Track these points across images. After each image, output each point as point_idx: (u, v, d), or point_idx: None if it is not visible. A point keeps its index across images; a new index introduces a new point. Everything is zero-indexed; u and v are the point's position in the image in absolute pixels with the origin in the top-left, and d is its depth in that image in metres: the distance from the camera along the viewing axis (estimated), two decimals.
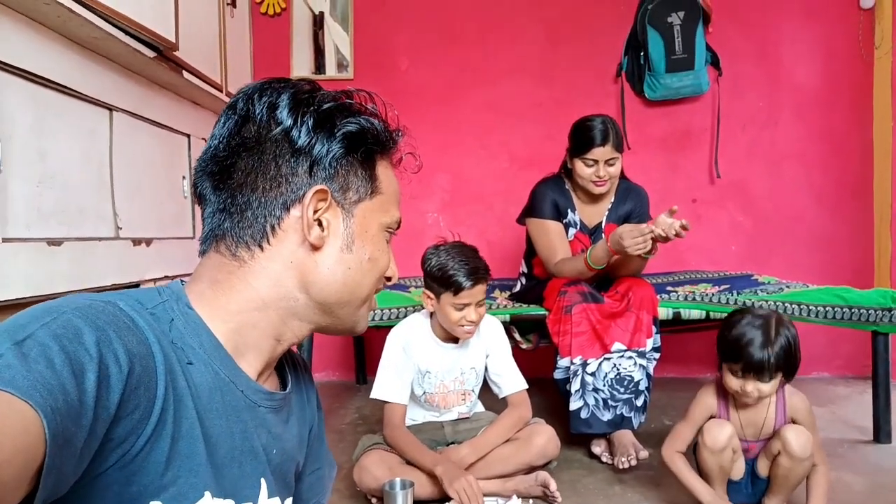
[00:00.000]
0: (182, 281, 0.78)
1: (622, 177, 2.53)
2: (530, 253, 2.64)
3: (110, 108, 2.21)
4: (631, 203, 2.48)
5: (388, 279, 0.84)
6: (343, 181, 0.77)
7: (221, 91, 2.97)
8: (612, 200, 2.50)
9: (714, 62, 3.45)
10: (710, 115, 3.51)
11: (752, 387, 1.63)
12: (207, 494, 0.67)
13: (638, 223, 2.21)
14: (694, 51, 3.34)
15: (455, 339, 1.99)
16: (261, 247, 0.75)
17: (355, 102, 0.80)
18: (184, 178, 2.87)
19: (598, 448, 2.22)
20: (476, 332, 2.01)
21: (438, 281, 1.88)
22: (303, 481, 0.94)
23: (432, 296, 1.93)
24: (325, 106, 0.76)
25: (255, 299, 0.75)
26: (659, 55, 3.37)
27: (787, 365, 1.61)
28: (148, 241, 2.42)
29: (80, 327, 0.56)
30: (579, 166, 2.38)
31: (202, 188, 0.78)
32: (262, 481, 0.77)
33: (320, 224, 0.75)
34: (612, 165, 2.36)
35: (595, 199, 2.47)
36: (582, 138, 2.36)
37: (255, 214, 0.74)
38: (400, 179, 0.87)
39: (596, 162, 2.34)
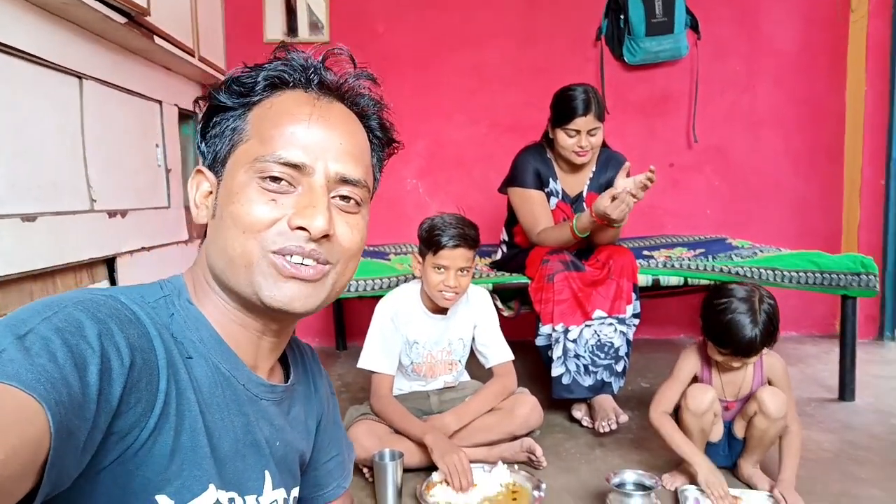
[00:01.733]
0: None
1: (603, 145, 2.54)
2: (511, 221, 2.65)
3: (80, 77, 2.13)
4: (612, 171, 2.49)
5: (302, 228, 0.69)
6: (213, 152, 0.75)
7: (193, 56, 2.89)
8: (594, 169, 2.51)
9: (693, 26, 3.43)
10: (689, 79, 3.51)
11: (739, 362, 1.71)
12: (211, 487, 0.68)
13: None
14: (674, 14, 3.32)
15: (443, 311, 2.00)
16: (205, 235, 0.78)
17: (243, 68, 0.77)
18: (157, 146, 2.81)
19: (579, 412, 2.28)
20: (465, 303, 2.03)
21: (424, 241, 1.91)
22: (322, 468, 0.95)
23: (420, 260, 1.95)
24: (212, 94, 0.76)
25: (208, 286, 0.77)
26: (639, 18, 3.34)
27: (771, 339, 1.67)
28: (123, 213, 2.37)
29: (82, 320, 0.56)
30: (561, 136, 2.38)
31: None
32: (266, 473, 0.78)
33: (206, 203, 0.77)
34: (593, 135, 2.36)
35: (577, 168, 2.47)
36: (564, 108, 2.36)
37: None
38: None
39: (578, 132, 2.34)
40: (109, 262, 2.29)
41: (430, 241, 1.90)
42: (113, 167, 2.35)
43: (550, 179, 2.49)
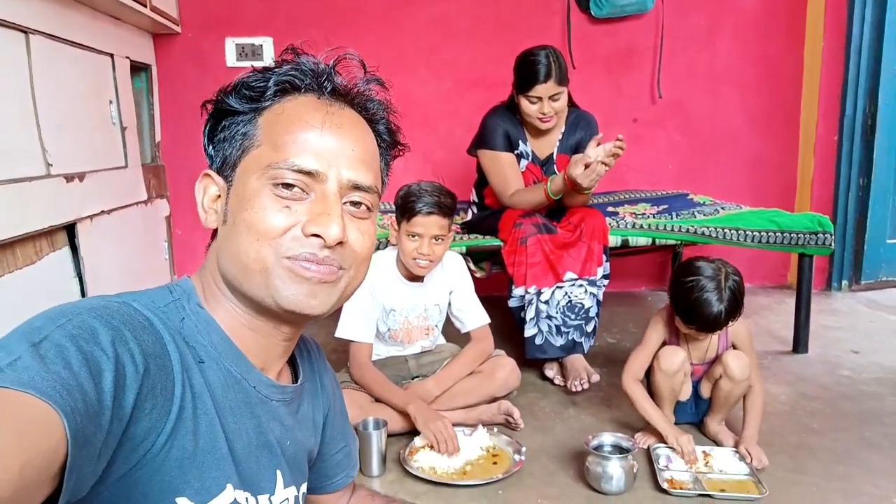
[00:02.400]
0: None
1: (571, 104, 2.53)
2: (481, 183, 2.64)
3: (26, 31, 2.00)
4: (581, 132, 2.50)
5: (317, 235, 0.69)
6: (222, 157, 0.75)
7: (145, 6, 2.72)
8: (563, 130, 2.51)
9: None
10: (654, 33, 3.51)
11: (705, 336, 1.81)
12: (229, 487, 0.69)
13: None
14: None
15: (419, 278, 2.01)
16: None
17: (250, 72, 0.76)
18: (111, 102, 2.67)
19: (551, 372, 2.35)
20: (440, 269, 2.04)
21: (399, 208, 1.91)
22: (330, 460, 0.98)
23: (396, 226, 1.94)
24: (221, 98, 0.75)
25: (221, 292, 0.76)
26: None
27: (735, 314, 1.75)
28: (81, 176, 2.27)
29: (96, 327, 0.56)
30: (524, 103, 2.36)
31: None
32: (278, 473, 0.79)
33: (216, 208, 0.76)
34: (556, 101, 2.34)
35: (545, 130, 2.46)
36: (524, 75, 2.33)
37: None
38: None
39: (540, 99, 2.33)
40: (69, 229, 2.20)
41: (404, 208, 1.89)
42: (67, 128, 2.23)
43: (520, 141, 2.48)
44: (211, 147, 0.76)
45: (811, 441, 1.90)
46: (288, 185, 0.69)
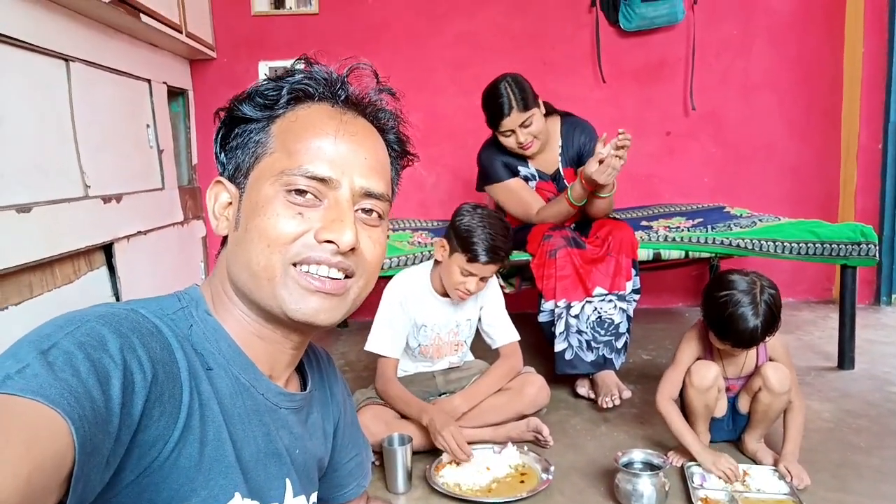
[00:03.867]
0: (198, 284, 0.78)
1: (565, 114, 2.51)
2: (502, 208, 2.63)
3: (67, 59, 2.08)
4: (580, 136, 2.47)
5: (330, 241, 0.69)
6: (235, 164, 0.75)
7: (181, 32, 2.81)
8: (560, 143, 2.49)
9: None
10: (685, 44, 3.46)
11: (741, 352, 1.73)
12: (237, 496, 0.69)
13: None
14: None
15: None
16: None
17: (262, 81, 0.76)
18: (148, 126, 2.75)
19: (583, 388, 2.30)
20: None
21: (459, 240, 1.86)
22: (342, 469, 0.97)
23: (447, 247, 1.92)
24: (234, 106, 0.76)
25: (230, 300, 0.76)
26: None
27: (772, 329, 1.67)
28: (118, 198, 2.34)
29: (105, 335, 0.56)
30: (501, 139, 2.39)
31: None
32: (287, 482, 0.78)
33: (227, 215, 0.76)
34: (529, 126, 2.33)
35: (539, 150, 2.44)
36: (489, 113, 2.37)
37: None
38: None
39: (513, 131, 2.33)
40: (107, 249, 2.27)
41: (465, 245, 1.84)
42: (105, 151, 2.30)
43: (520, 166, 2.48)
44: (223, 154, 0.77)
45: (856, 459, 1.82)
46: (301, 192, 0.70)
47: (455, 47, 3.46)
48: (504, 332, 2.06)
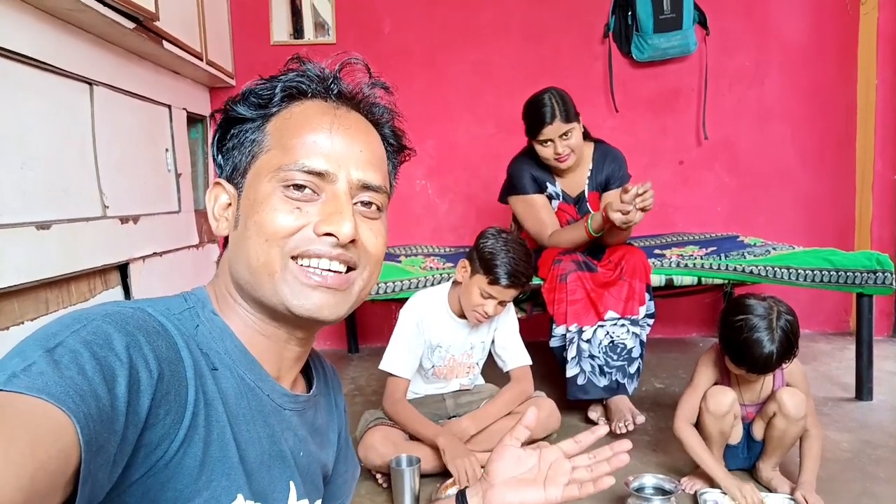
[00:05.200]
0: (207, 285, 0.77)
1: (598, 141, 2.53)
2: (517, 229, 2.64)
3: (90, 83, 2.13)
4: (610, 166, 2.48)
5: (330, 234, 0.70)
6: (232, 164, 0.75)
7: (202, 59, 2.89)
8: (591, 167, 2.50)
9: (702, 21, 3.41)
10: (698, 75, 3.49)
11: (756, 377, 1.71)
12: (240, 497, 0.68)
13: (619, 186, 2.32)
14: (682, 10, 3.29)
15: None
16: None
17: (258, 82, 0.76)
18: (167, 150, 2.81)
19: (595, 413, 2.27)
20: None
21: (482, 262, 1.87)
22: (331, 484, 0.94)
23: (468, 268, 1.93)
24: (229, 107, 0.76)
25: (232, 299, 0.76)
26: (647, 15, 3.32)
27: (789, 355, 1.64)
28: (135, 219, 2.37)
29: (110, 333, 0.56)
30: (538, 148, 2.39)
31: None
32: (291, 484, 0.77)
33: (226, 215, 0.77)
34: (568, 138, 2.34)
35: (570, 168, 2.46)
36: (531, 120, 2.36)
37: None
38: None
39: (551, 141, 2.34)
40: (122, 269, 2.29)
41: (487, 267, 1.86)
42: (124, 173, 2.35)
43: (547, 183, 2.49)
44: (220, 156, 0.77)
45: (876, 489, 1.77)
46: (299, 187, 0.70)
47: (470, 77, 3.51)
48: (516, 355, 2.05)
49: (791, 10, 3.47)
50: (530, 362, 2.06)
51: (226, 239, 0.77)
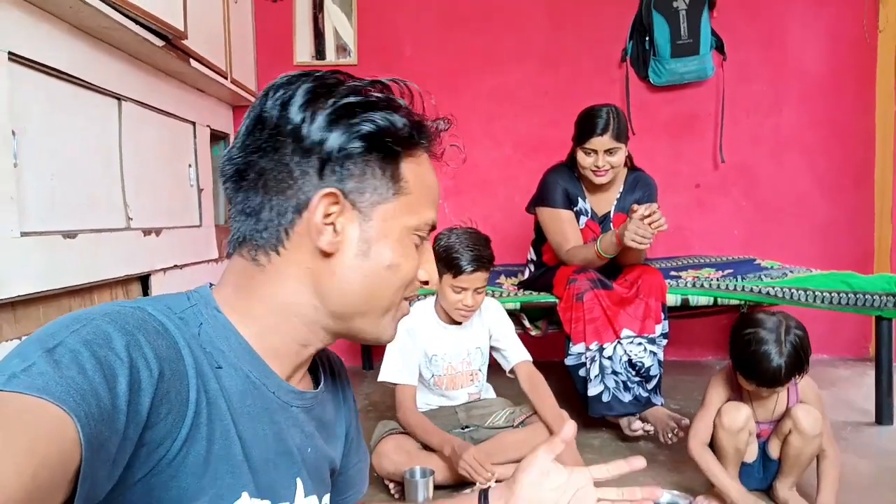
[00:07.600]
0: (211, 284, 0.77)
1: (632, 167, 2.54)
2: (539, 240, 2.65)
3: (119, 98, 2.20)
4: (639, 192, 2.50)
5: (426, 283, 0.80)
6: (359, 182, 0.71)
7: (226, 78, 2.96)
8: (621, 190, 2.52)
9: (719, 47, 3.44)
10: (715, 100, 3.51)
11: (768, 392, 1.69)
12: (245, 495, 0.68)
13: None
14: (699, 36, 3.33)
15: (458, 321, 2.02)
16: (277, 251, 0.72)
17: (383, 96, 0.74)
18: (190, 166, 2.87)
19: (637, 425, 2.22)
20: (477, 313, 2.05)
21: (443, 261, 1.91)
22: (345, 475, 0.95)
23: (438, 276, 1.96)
24: (343, 101, 0.71)
25: (274, 305, 0.73)
26: (664, 40, 3.36)
27: (798, 370, 1.63)
28: (157, 231, 2.42)
29: (110, 332, 0.56)
30: (580, 155, 2.40)
31: (226, 189, 0.77)
32: (298, 481, 0.77)
33: (335, 229, 0.71)
34: (612, 155, 2.36)
35: (602, 187, 2.48)
36: (583, 128, 2.38)
37: (269, 217, 0.71)
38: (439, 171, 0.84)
39: (595, 152, 2.35)
40: (143, 279, 2.33)
41: (448, 263, 1.91)
42: (148, 186, 2.40)
43: (579, 198, 2.50)
44: (345, 167, 0.72)
45: None
46: (422, 238, 0.78)
47: (488, 100, 3.56)
48: (517, 351, 2.07)
49: (809, 39, 3.49)
50: (530, 358, 2.08)
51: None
